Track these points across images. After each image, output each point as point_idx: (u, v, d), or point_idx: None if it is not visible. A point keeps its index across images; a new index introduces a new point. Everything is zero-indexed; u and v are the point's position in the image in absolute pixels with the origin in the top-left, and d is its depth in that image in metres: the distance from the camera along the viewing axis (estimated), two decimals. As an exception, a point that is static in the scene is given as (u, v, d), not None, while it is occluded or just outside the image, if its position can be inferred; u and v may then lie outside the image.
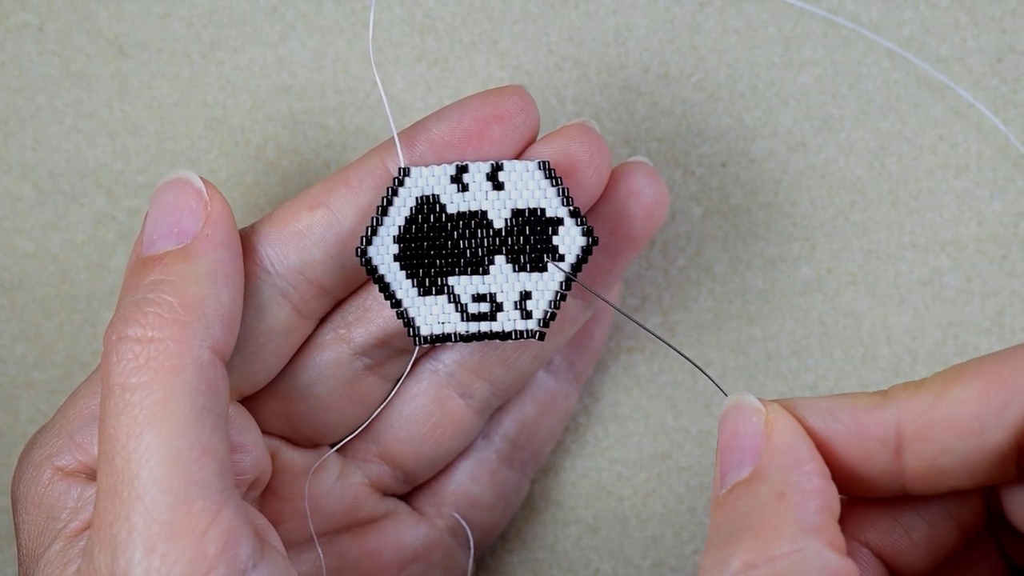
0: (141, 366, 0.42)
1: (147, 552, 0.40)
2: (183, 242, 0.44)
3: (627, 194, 0.48)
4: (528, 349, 0.49)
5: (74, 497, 0.44)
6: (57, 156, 0.55)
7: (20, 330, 0.55)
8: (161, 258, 0.44)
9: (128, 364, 0.42)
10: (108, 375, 0.42)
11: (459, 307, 0.47)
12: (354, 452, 0.50)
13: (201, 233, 0.44)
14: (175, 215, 0.44)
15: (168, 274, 0.43)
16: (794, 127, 0.55)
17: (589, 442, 0.55)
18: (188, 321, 0.43)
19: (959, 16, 0.54)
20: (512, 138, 0.47)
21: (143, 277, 0.43)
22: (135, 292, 0.43)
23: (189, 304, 0.43)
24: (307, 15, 0.54)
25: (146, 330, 0.42)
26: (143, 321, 0.42)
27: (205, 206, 0.44)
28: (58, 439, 0.45)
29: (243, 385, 0.47)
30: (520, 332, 0.47)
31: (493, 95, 0.47)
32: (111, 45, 0.55)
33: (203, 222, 0.44)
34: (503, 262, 0.47)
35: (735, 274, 0.55)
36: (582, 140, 0.47)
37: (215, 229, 0.44)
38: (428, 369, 0.50)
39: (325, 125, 0.55)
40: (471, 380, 0.50)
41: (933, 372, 0.55)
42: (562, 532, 0.55)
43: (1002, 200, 0.55)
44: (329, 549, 0.49)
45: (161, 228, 0.44)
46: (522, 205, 0.47)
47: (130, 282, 0.44)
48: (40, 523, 0.44)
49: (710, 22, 0.54)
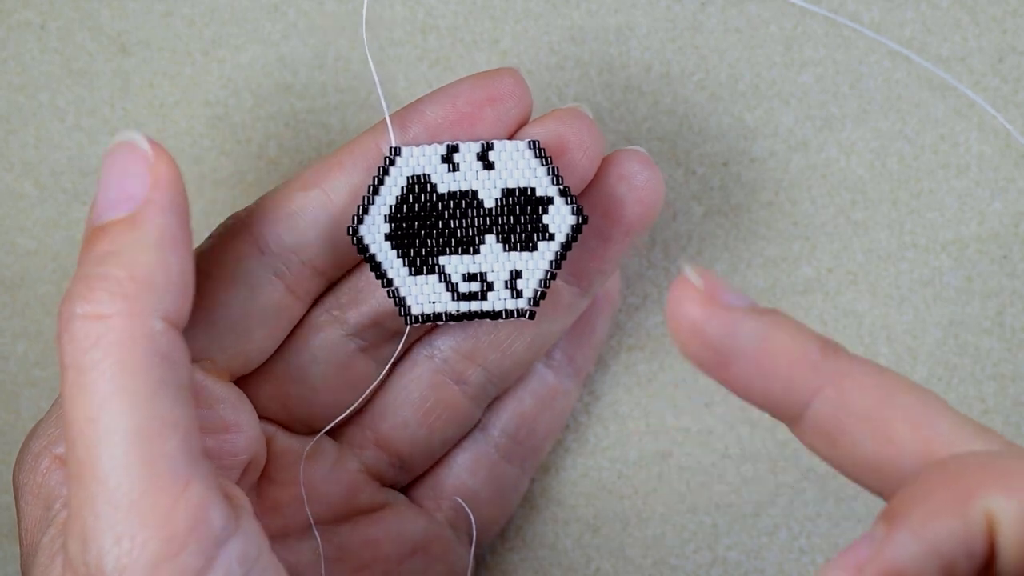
0: (92, 345, 0.41)
1: (116, 538, 0.39)
2: (131, 209, 0.42)
3: (618, 178, 0.48)
4: (522, 335, 0.49)
5: (67, 487, 0.43)
6: (59, 154, 0.55)
7: (22, 328, 0.55)
8: (108, 228, 0.42)
9: (80, 344, 0.41)
10: (62, 356, 0.41)
11: (450, 286, 0.47)
12: (350, 438, 0.50)
13: (147, 199, 0.42)
14: (121, 181, 0.43)
15: (115, 245, 0.42)
16: (795, 126, 0.55)
17: (589, 441, 0.55)
18: (137, 294, 0.41)
19: (960, 16, 0.54)
20: (505, 120, 0.47)
21: (92, 249, 0.42)
22: (85, 265, 0.42)
23: (137, 276, 0.41)
24: (309, 14, 0.54)
25: (95, 306, 0.41)
26: (91, 297, 0.41)
27: (151, 169, 0.43)
28: (55, 428, 0.44)
29: (235, 364, 0.47)
30: (510, 311, 0.47)
31: (486, 77, 0.47)
32: (113, 43, 0.55)
33: (149, 186, 0.43)
34: (493, 241, 0.47)
35: (736, 273, 0.55)
36: (572, 122, 0.47)
37: (161, 193, 0.43)
38: (422, 355, 0.50)
39: (327, 124, 0.55)
40: (466, 366, 0.50)
41: (933, 372, 0.55)
42: (562, 531, 0.55)
43: (1003, 200, 0.55)
44: (328, 538, 0.49)
45: (109, 196, 0.43)
46: (512, 185, 0.47)
47: (82, 255, 0.42)
48: (38, 513, 0.44)
49: (711, 21, 0.54)
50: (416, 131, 0.47)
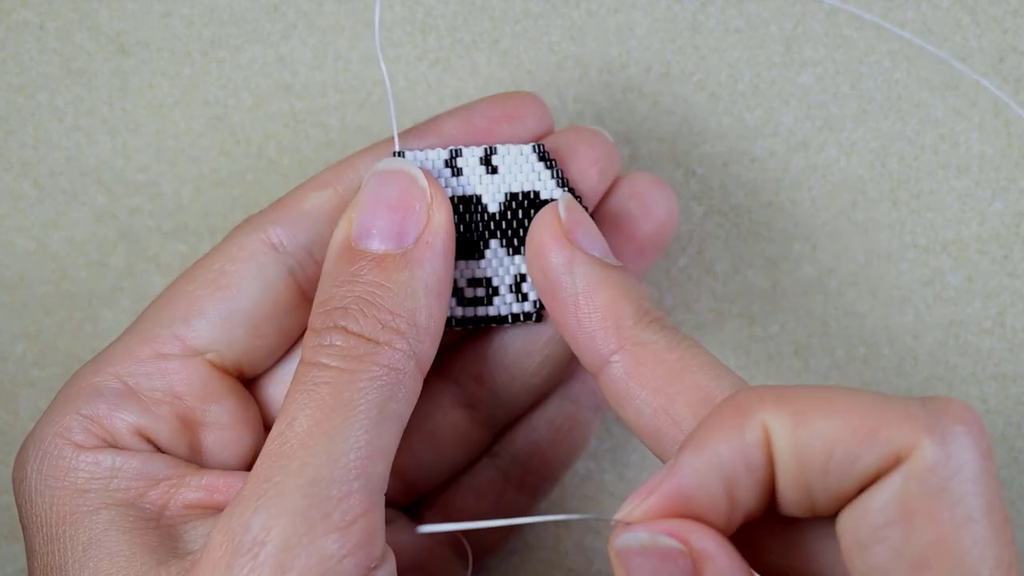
0: (360, 356, 0.43)
1: (295, 520, 0.41)
2: (402, 246, 0.44)
3: (630, 196, 0.49)
4: (532, 358, 0.49)
5: (106, 467, 0.44)
6: (57, 154, 0.55)
7: (20, 328, 0.55)
8: (380, 259, 0.44)
9: (347, 351, 0.43)
10: (312, 352, 0.43)
11: (455, 292, 0.47)
12: None
13: (422, 240, 0.44)
14: (397, 214, 0.44)
15: (386, 280, 0.44)
16: (795, 127, 0.55)
17: (591, 443, 0.55)
18: (404, 332, 0.43)
19: (961, 16, 0.54)
20: (522, 138, 0.47)
21: (357, 270, 0.44)
22: (351, 285, 0.44)
23: (405, 316, 0.43)
24: (308, 13, 0.54)
25: (365, 330, 0.43)
26: (361, 321, 0.43)
27: (428, 209, 0.45)
28: (64, 416, 0.45)
29: (244, 362, 0.47)
30: (516, 315, 0.47)
31: (506, 97, 0.47)
32: (112, 43, 0.55)
33: (424, 227, 0.44)
34: (497, 246, 0.47)
35: (736, 274, 0.55)
36: (588, 137, 0.48)
37: (435, 237, 0.44)
38: (431, 377, 0.50)
39: (326, 124, 0.55)
40: (474, 388, 0.49)
41: (934, 372, 0.55)
42: (564, 533, 0.55)
43: (1003, 200, 0.55)
44: None
45: (379, 223, 0.44)
46: (516, 189, 0.47)
47: (341, 267, 0.44)
48: (66, 498, 0.44)
49: (711, 21, 0.54)
50: (430, 142, 0.47)
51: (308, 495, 0.41)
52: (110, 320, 0.55)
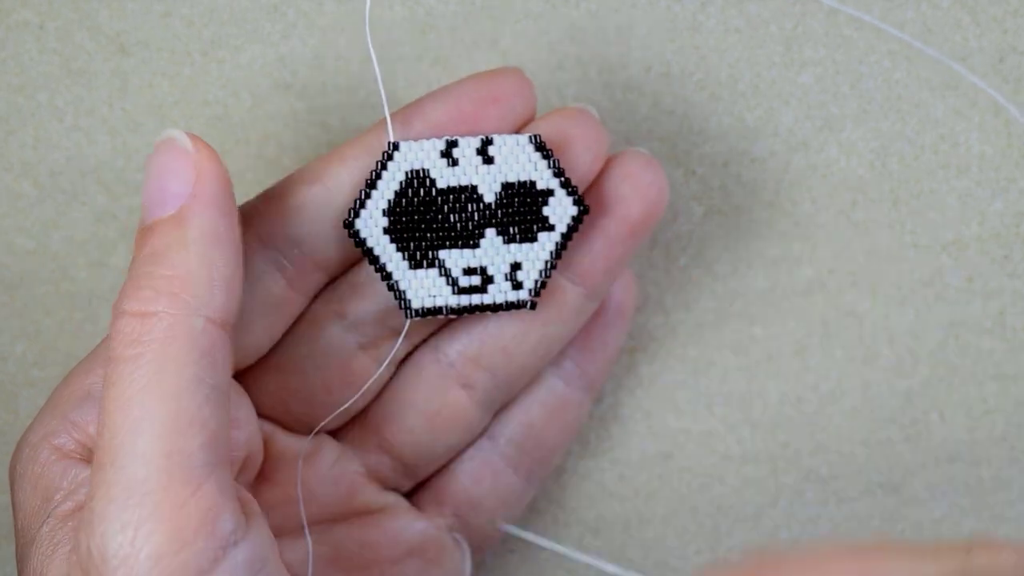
0: (135, 340, 0.42)
1: (123, 525, 0.40)
2: (176, 207, 0.43)
3: (621, 177, 0.49)
4: (528, 337, 0.49)
5: (69, 478, 0.44)
6: (57, 154, 0.55)
7: (20, 328, 0.55)
8: (155, 227, 0.43)
9: (124, 338, 0.42)
10: (109, 349, 0.42)
11: (450, 280, 0.47)
12: (353, 440, 0.50)
13: (191, 195, 0.43)
14: (164, 180, 0.44)
15: (160, 244, 0.43)
16: (795, 127, 0.55)
17: (591, 442, 0.55)
18: (179, 292, 0.42)
19: (961, 16, 0.54)
20: (509, 119, 0.47)
21: (141, 248, 0.43)
22: (134, 265, 0.43)
23: (181, 274, 0.42)
24: (308, 14, 0.54)
25: (141, 304, 0.42)
26: (138, 296, 0.42)
27: (193, 166, 0.44)
28: (53, 419, 0.45)
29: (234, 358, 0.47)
30: (511, 303, 0.47)
31: (490, 76, 0.47)
32: (112, 43, 0.55)
33: (192, 184, 0.43)
34: (493, 235, 0.47)
35: (736, 274, 0.55)
36: (577, 120, 0.48)
37: (204, 189, 0.43)
38: (428, 359, 0.50)
39: (326, 124, 0.55)
40: (472, 370, 0.49)
41: (934, 373, 0.55)
42: (563, 532, 0.55)
43: (1004, 200, 0.55)
44: (324, 538, 0.49)
45: (154, 195, 0.44)
46: (512, 179, 0.47)
47: (134, 255, 0.44)
48: (36, 503, 0.44)
49: (711, 21, 0.54)
50: (419, 129, 0.47)
51: (125, 498, 0.40)
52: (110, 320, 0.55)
